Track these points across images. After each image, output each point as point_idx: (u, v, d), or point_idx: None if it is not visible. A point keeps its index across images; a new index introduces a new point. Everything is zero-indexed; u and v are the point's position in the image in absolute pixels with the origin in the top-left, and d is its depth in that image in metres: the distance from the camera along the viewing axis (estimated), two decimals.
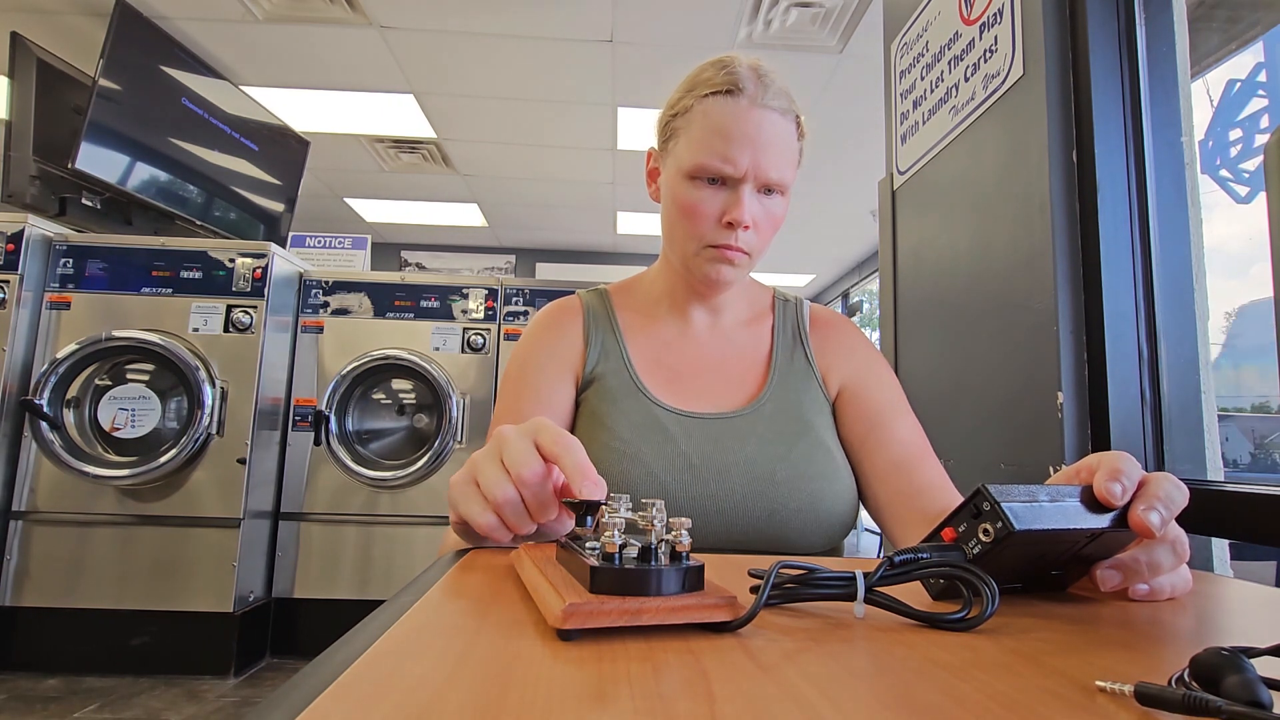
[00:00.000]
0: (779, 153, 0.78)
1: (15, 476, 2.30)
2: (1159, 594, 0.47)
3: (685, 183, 0.80)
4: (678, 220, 0.82)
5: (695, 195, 0.79)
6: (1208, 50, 1.32)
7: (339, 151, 4.37)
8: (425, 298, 2.79)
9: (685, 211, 0.80)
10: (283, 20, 2.98)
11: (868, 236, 5.70)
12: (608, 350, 0.87)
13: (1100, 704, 0.25)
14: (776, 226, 0.83)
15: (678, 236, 0.83)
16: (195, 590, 2.32)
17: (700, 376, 0.86)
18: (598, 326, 0.89)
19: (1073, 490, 0.43)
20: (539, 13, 2.88)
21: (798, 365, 0.88)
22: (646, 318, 0.91)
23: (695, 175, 0.78)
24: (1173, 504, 0.44)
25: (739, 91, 0.77)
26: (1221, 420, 1.12)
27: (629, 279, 0.98)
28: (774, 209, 0.81)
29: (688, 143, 0.79)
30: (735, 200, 0.78)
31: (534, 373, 0.85)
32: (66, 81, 2.57)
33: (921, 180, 1.53)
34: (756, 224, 0.80)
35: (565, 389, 0.85)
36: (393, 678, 0.26)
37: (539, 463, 0.47)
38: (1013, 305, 1.18)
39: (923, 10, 1.52)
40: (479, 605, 0.38)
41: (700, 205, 0.79)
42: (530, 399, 0.83)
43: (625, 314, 0.91)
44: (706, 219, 0.79)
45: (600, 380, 0.85)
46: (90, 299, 2.39)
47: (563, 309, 0.91)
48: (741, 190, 0.78)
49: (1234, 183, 1.84)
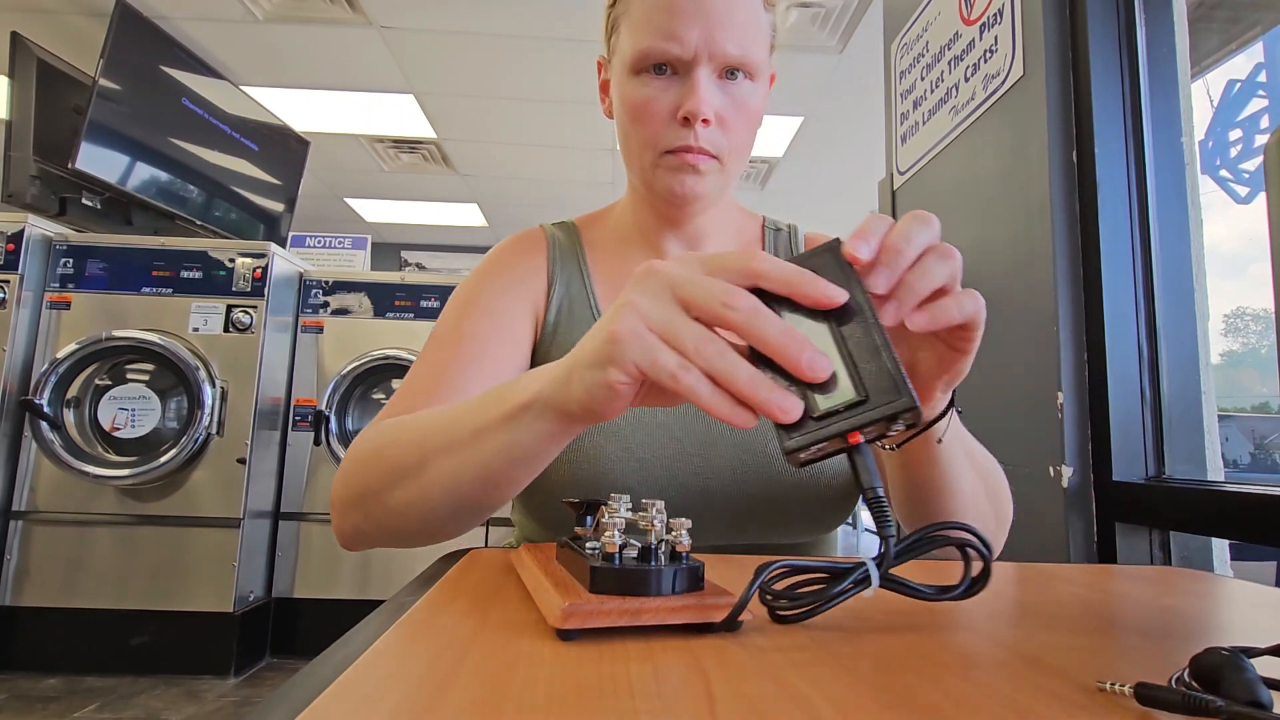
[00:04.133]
0: (740, 24, 0.63)
1: (15, 476, 2.30)
2: (942, 315, 0.38)
3: (631, 80, 0.66)
4: (629, 128, 0.68)
5: (642, 92, 0.65)
6: (1208, 50, 1.32)
7: (339, 151, 4.37)
8: (425, 298, 2.79)
9: (633, 113, 0.66)
10: (283, 20, 2.98)
11: None
12: (573, 294, 0.74)
13: (1100, 704, 0.25)
14: (752, 120, 0.67)
15: (632, 148, 0.69)
16: (195, 590, 2.32)
17: None
18: (564, 265, 0.76)
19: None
20: (539, 13, 2.88)
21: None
22: (616, 256, 0.77)
23: (639, 67, 0.64)
24: (909, 239, 0.36)
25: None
26: (1221, 420, 1.12)
27: (600, 210, 0.84)
28: (744, 97, 0.65)
29: (628, 30, 0.65)
30: (690, 87, 0.63)
31: (491, 297, 0.70)
32: (66, 81, 2.57)
33: (922, 181, 1.53)
34: (722, 118, 0.65)
35: (525, 324, 0.71)
36: (393, 678, 0.26)
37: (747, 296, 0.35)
38: (1013, 305, 1.18)
39: (923, 10, 1.52)
40: (479, 605, 0.38)
41: (650, 103, 0.64)
42: (484, 319, 0.68)
43: (594, 252, 0.78)
44: (657, 117, 0.65)
45: (563, 330, 0.72)
46: (90, 299, 2.39)
47: (524, 240, 0.77)
48: (695, 75, 0.63)
49: (1234, 183, 1.84)
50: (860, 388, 0.34)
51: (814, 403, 0.34)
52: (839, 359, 0.35)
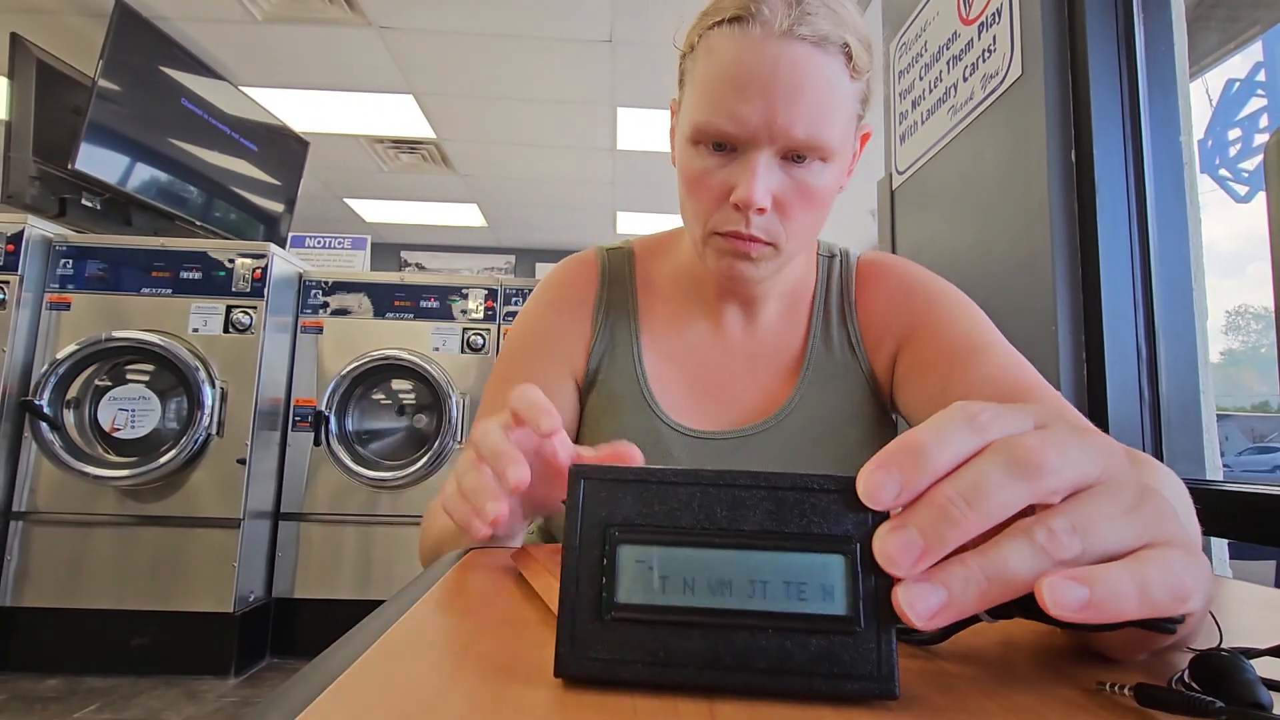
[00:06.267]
0: (812, 102, 0.55)
1: (15, 477, 2.30)
2: (1103, 604, 0.22)
3: (688, 148, 0.61)
4: (684, 196, 0.64)
5: (697, 164, 0.60)
6: (1206, 50, 1.32)
7: (339, 152, 4.37)
8: (425, 298, 2.79)
9: (688, 184, 0.62)
10: (282, 21, 2.98)
11: (867, 237, 5.70)
12: (617, 343, 0.72)
13: (1100, 704, 0.25)
14: (818, 205, 0.61)
15: (686, 215, 0.65)
16: (195, 590, 2.32)
17: (723, 386, 0.71)
18: (611, 309, 0.73)
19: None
20: (538, 13, 2.88)
21: (837, 353, 0.71)
22: (671, 304, 0.73)
23: (697, 139, 0.60)
24: (987, 498, 0.23)
25: (752, 18, 0.55)
26: (1220, 419, 1.12)
27: (665, 236, 0.78)
28: (810, 181, 0.59)
29: (691, 93, 0.61)
30: (745, 171, 0.57)
31: (526, 369, 0.71)
32: (66, 82, 2.57)
33: (920, 180, 1.53)
34: (781, 203, 0.59)
35: (563, 387, 0.71)
36: (393, 678, 0.26)
37: (501, 433, 0.42)
38: (1012, 305, 1.18)
39: (921, 10, 1.52)
40: (479, 605, 0.38)
41: (704, 178, 0.60)
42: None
43: (647, 295, 0.74)
44: (710, 195, 0.60)
45: (604, 384, 0.71)
46: (90, 299, 2.39)
47: (574, 280, 0.74)
48: (754, 158, 0.57)
49: (1233, 182, 1.85)
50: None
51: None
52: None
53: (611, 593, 0.24)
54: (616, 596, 0.24)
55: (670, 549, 0.25)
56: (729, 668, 0.24)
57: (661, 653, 0.24)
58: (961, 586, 0.22)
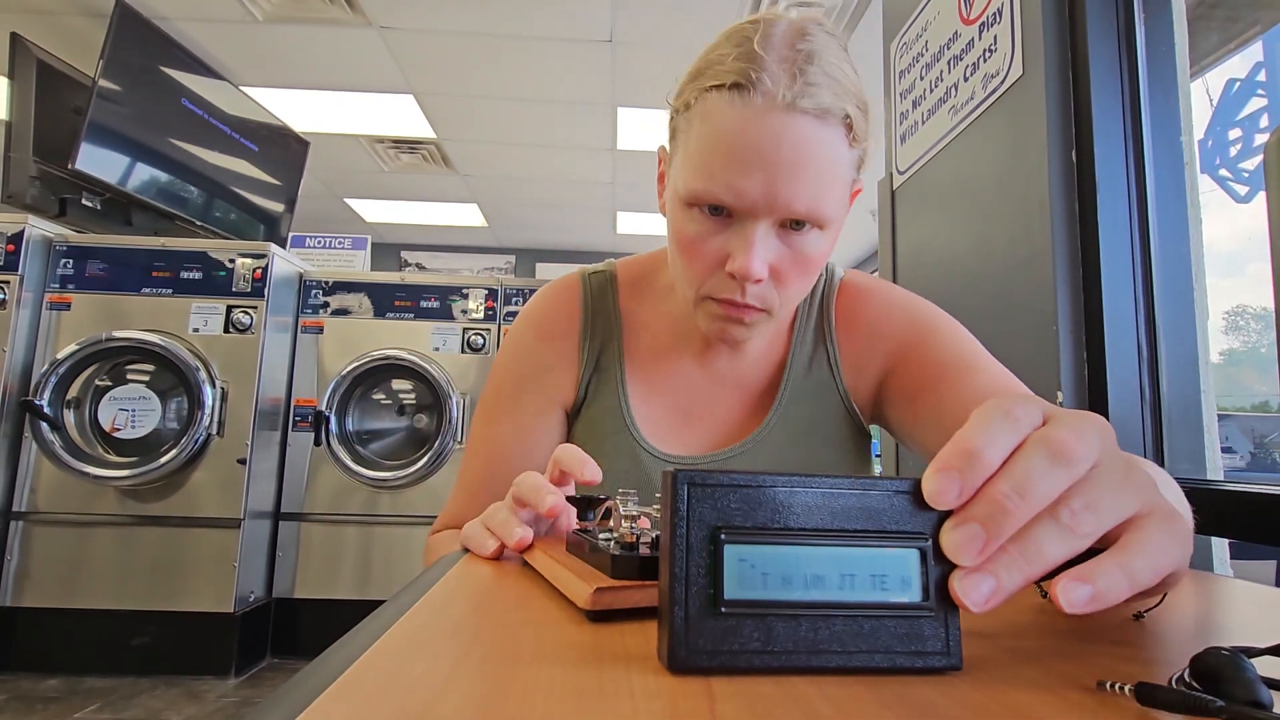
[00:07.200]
0: (813, 173, 0.54)
1: (15, 477, 2.30)
2: (1104, 595, 0.26)
3: (682, 209, 0.59)
4: (675, 255, 0.62)
5: (691, 228, 0.58)
6: (1207, 50, 1.32)
7: (339, 152, 4.37)
8: (425, 298, 2.79)
9: (680, 246, 0.60)
10: (282, 21, 2.98)
11: (867, 236, 5.70)
12: (602, 371, 0.72)
13: (1100, 704, 0.25)
14: (813, 271, 0.60)
15: (677, 273, 0.63)
16: (196, 590, 2.32)
17: (704, 412, 0.72)
18: (595, 337, 0.73)
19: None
20: (539, 13, 2.88)
21: (815, 373, 0.72)
22: (656, 333, 0.73)
23: (692, 203, 0.58)
24: (1031, 494, 0.26)
25: (753, 87, 0.53)
26: (1221, 419, 1.12)
27: (648, 262, 0.76)
28: (807, 248, 0.58)
29: (684, 155, 0.58)
30: (742, 241, 0.56)
31: (512, 403, 0.72)
32: (66, 82, 2.57)
33: (921, 180, 1.53)
34: (777, 272, 0.58)
35: (549, 419, 0.73)
36: (393, 678, 0.26)
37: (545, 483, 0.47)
38: (1013, 305, 1.18)
39: (922, 10, 1.52)
40: (479, 605, 0.38)
41: (698, 243, 0.58)
42: (510, 433, 0.71)
43: (632, 325, 0.74)
44: (704, 261, 0.59)
45: (589, 410, 0.72)
46: (90, 299, 2.39)
47: (558, 312, 0.74)
48: (752, 229, 0.56)
49: (1233, 182, 1.84)
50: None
51: None
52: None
53: (720, 589, 0.27)
54: (725, 593, 0.27)
55: (771, 547, 0.28)
56: (827, 651, 0.27)
57: (769, 642, 0.27)
58: (1007, 572, 0.26)
